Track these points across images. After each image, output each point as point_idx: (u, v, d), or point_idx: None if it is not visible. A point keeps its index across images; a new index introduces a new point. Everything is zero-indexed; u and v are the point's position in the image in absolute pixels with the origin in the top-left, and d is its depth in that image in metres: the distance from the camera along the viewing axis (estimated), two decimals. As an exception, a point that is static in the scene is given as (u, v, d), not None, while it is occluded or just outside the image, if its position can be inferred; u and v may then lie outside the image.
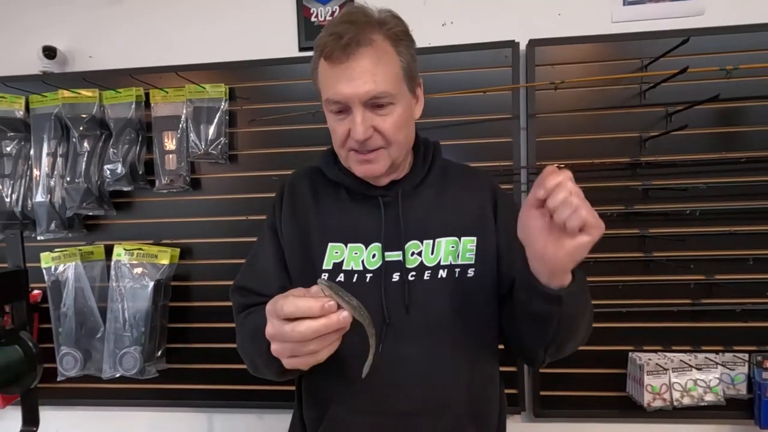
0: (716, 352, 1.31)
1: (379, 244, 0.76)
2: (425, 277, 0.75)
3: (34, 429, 0.79)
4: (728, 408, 1.29)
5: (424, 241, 0.77)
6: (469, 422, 0.76)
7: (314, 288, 0.56)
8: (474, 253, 0.77)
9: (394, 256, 0.76)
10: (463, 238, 0.78)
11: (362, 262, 0.76)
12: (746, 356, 1.30)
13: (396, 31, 0.71)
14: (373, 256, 0.76)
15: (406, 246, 0.76)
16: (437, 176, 0.83)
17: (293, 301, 0.53)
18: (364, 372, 0.60)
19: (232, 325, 1.52)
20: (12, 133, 1.47)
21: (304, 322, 0.53)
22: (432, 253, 0.76)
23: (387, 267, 0.76)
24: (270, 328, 0.56)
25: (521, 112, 1.38)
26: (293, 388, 0.86)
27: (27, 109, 1.49)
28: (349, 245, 0.77)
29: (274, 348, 0.57)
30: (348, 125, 0.70)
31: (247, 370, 1.49)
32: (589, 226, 0.57)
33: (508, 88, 1.35)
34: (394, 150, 0.73)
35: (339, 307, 0.54)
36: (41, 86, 1.46)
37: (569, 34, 1.35)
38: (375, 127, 0.70)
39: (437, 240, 0.77)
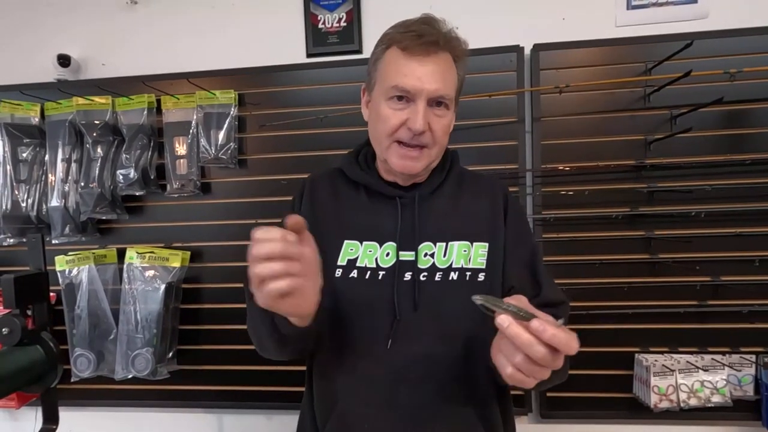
0: (723, 353, 1.32)
1: (394, 244, 0.79)
2: (436, 278, 0.77)
3: (54, 427, 0.81)
4: (735, 409, 1.29)
5: (437, 244, 0.79)
6: (475, 421, 0.78)
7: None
8: (485, 258, 0.79)
9: (407, 255, 0.78)
10: (475, 244, 0.80)
11: (376, 259, 0.79)
12: (753, 357, 1.30)
13: (459, 50, 0.77)
14: (387, 254, 0.79)
15: (419, 247, 0.79)
16: (454, 183, 0.85)
17: (264, 229, 0.56)
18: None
19: (242, 327, 1.54)
20: (28, 140, 1.51)
21: (265, 242, 0.55)
22: (444, 256, 0.78)
23: (400, 266, 0.78)
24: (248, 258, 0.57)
25: (526, 115, 1.39)
26: (302, 389, 0.88)
27: (42, 116, 1.52)
28: (364, 243, 0.80)
29: (250, 275, 0.57)
30: (406, 115, 0.74)
31: (256, 372, 1.52)
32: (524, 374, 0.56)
33: (513, 92, 1.37)
34: (435, 152, 0.78)
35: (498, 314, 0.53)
36: (56, 94, 1.49)
37: (573, 39, 1.37)
38: (429, 124, 0.74)
39: (450, 243, 0.79)
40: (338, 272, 0.79)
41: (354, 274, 0.79)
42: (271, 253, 0.55)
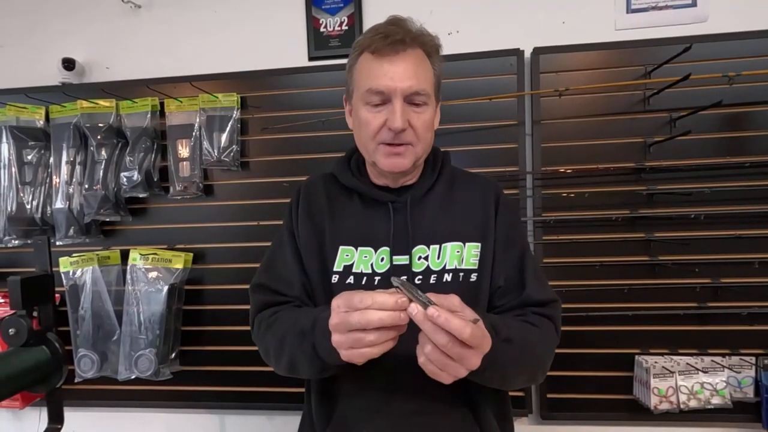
0: (723, 355, 1.32)
1: (387, 248, 0.79)
2: (431, 281, 0.78)
3: (59, 427, 0.82)
4: (735, 411, 1.30)
5: (431, 246, 0.79)
6: (472, 423, 0.78)
7: (382, 291, 0.61)
8: (478, 258, 0.80)
9: (401, 260, 0.79)
10: (467, 244, 0.80)
11: (371, 265, 0.79)
12: (753, 359, 1.31)
13: (431, 45, 0.78)
14: (382, 259, 0.79)
15: (413, 250, 0.79)
16: (445, 184, 0.85)
17: (370, 294, 0.59)
18: None
19: (244, 327, 1.55)
20: (33, 142, 1.52)
21: (373, 311, 0.58)
22: (438, 258, 0.79)
23: (395, 270, 0.78)
24: (336, 319, 0.61)
25: (526, 118, 1.40)
26: (302, 390, 0.88)
27: (47, 118, 1.54)
28: (359, 249, 0.80)
29: (336, 339, 0.62)
30: (385, 116, 0.74)
31: (258, 372, 1.53)
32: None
33: (514, 95, 1.38)
34: (420, 148, 0.78)
35: (410, 302, 0.58)
36: (61, 97, 1.51)
37: (573, 42, 1.37)
38: (409, 121, 0.74)
39: (443, 245, 0.79)
40: (335, 278, 0.80)
41: (350, 280, 0.79)
42: (378, 323, 0.58)
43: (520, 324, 0.75)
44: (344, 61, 1.45)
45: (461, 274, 0.78)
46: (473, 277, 0.79)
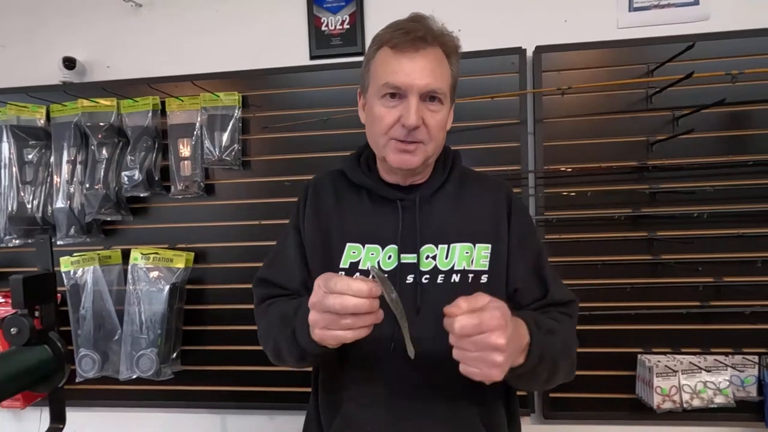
0: (726, 354, 1.32)
1: (395, 246, 0.79)
2: (438, 281, 0.77)
3: (61, 426, 0.81)
4: (738, 410, 1.29)
5: (439, 246, 0.79)
6: (478, 423, 0.78)
7: (359, 278, 0.61)
8: (488, 260, 0.79)
9: (409, 258, 0.78)
10: (477, 245, 0.79)
11: (378, 262, 0.79)
12: (756, 358, 1.30)
13: (450, 45, 0.77)
14: (389, 257, 0.79)
15: (421, 249, 0.78)
16: (455, 183, 0.85)
17: (346, 280, 0.58)
18: (410, 354, 0.66)
19: (246, 327, 1.56)
20: (33, 142, 1.52)
21: (349, 297, 0.58)
22: (446, 258, 0.78)
23: (402, 269, 0.78)
24: (314, 297, 0.61)
25: (528, 117, 1.40)
26: (305, 389, 0.89)
27: (48, 118, 1.54)
28: (366, 246, 0.80)
29: (312, 317, 0.62)
30: (399, 112, 0.73)
31: (259, 372, 1.53)
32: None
33: (516, 94, 1.37)
34: (431, 147, 0.77)
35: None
36: (61, 96, 1.51)
37: (575, 41, 1.37)
38: (423, 119, 0.74)
39: (452, 245, 0.79)
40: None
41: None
42: (353, 308, 0.57)
43: (553, 319, 0.76)
44: (346, 60, 1.47)
45: (470, 275, 0.78)
46: (484, 278, 0.78)
